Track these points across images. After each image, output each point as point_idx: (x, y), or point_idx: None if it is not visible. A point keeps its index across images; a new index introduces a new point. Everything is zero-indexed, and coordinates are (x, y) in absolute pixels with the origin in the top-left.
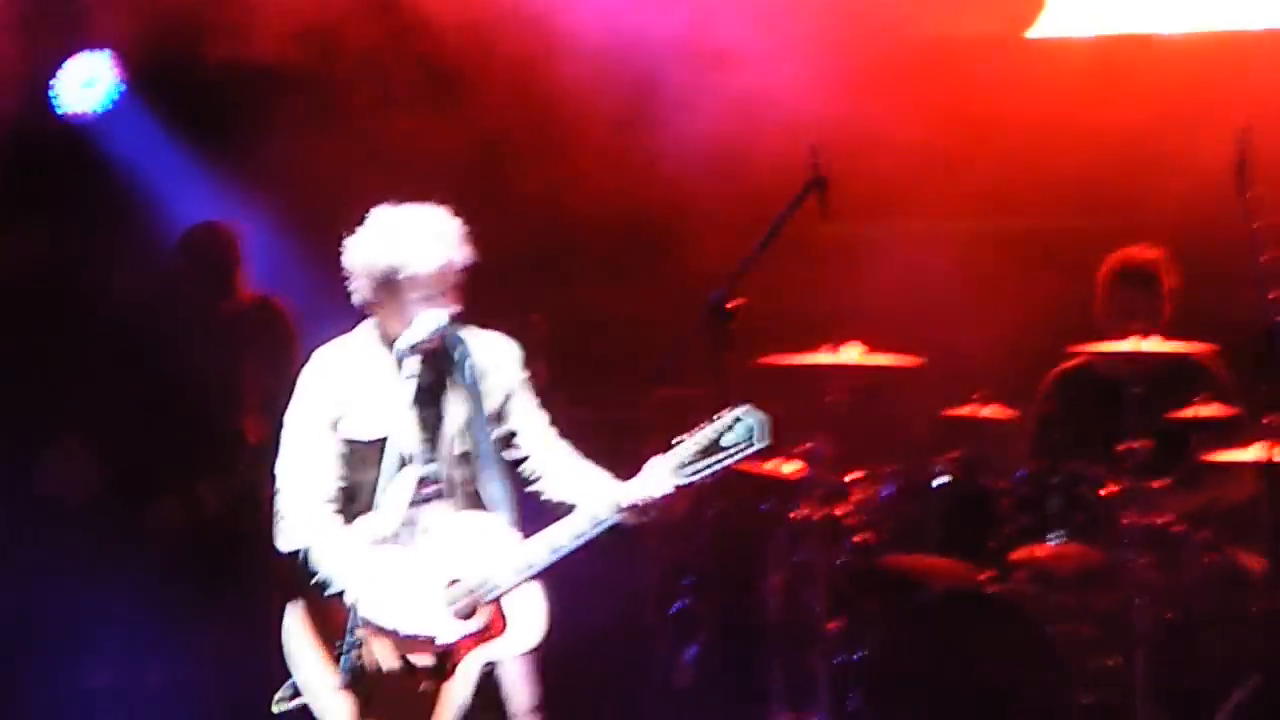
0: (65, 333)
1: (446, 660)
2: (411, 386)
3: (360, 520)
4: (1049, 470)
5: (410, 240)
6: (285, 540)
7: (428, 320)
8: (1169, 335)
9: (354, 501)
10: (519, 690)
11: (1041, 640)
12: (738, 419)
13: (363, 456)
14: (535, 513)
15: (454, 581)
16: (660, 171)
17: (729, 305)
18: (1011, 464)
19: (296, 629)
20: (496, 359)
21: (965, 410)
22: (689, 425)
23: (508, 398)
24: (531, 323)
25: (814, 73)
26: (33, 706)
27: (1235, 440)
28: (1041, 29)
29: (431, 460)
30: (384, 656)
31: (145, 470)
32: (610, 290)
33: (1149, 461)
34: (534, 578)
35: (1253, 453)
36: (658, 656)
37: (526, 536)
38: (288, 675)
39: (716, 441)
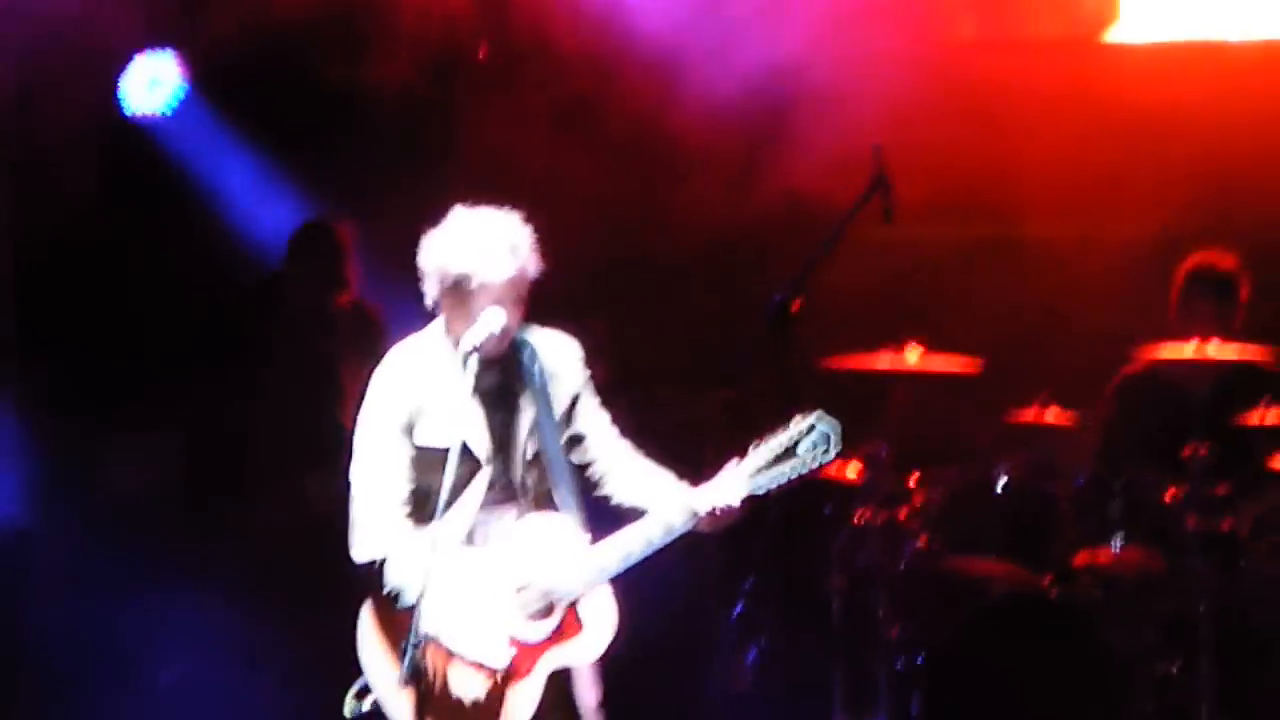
0: (166, 326)
1: (518, 663)
2: (470, 385)
3: (432, 525)
4: (1111, 475)
5: (484, 248)
6: (359, 550)
7: (489, 320)
8: (1237, 341)
9: (425, 506)
10: (588, 689)
11: (1103, 646)
12: (812, 426)
13: (435, 461)
14: (598, 515)
15: (524, 587)
16: (747, 190)
17: (792, 307)
18: (1074, 468)
19: (368, 627)
20: (563, 360)
21: (1028, 414)
22: (750, 426)
23: (575, 399)
24: (592, 328)
25: (881, 78)
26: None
27: None
28: (1118, 34)
29: (503, 464)
30: (452, 658)
31: (253, 466)
32: (676, 295)
33: (1212, 467)
34: (606, 582)
35: None
36: (717, 660)
37: (594, 539)
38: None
39: (792, 449)
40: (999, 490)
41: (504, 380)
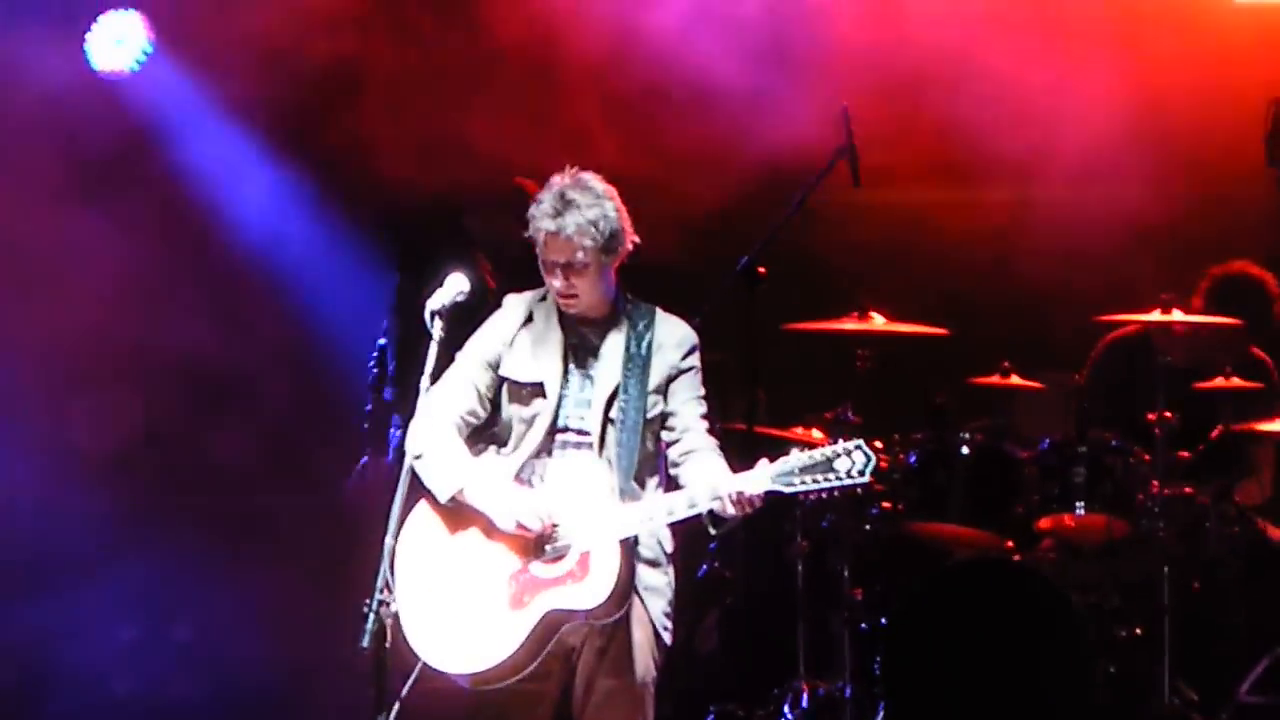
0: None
1: (520, 594)
2: (434, 350)
3: (497, 454)
4: (1075, 440)
5: (544, 204)
6: (412, 444)
7: (452, 283)
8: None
9: (501, 445)
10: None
11: (1066, 609)
12: (854, 449)
13: (516, 396)
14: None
15: (554, 525)
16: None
17: (757, 271)
18: (1038, 433)
19: (411, 526)
20: (671, 339)
21: (992, 379)
22: (714, 393)
23: (671, 379)
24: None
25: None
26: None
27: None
28: None
29: (579, 415)
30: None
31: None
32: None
33: (1177, 433)
34: (624, 543)
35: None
36: (682, 620)
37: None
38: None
39: (828, 463)
40: (963, 455)
41: (605, 341)
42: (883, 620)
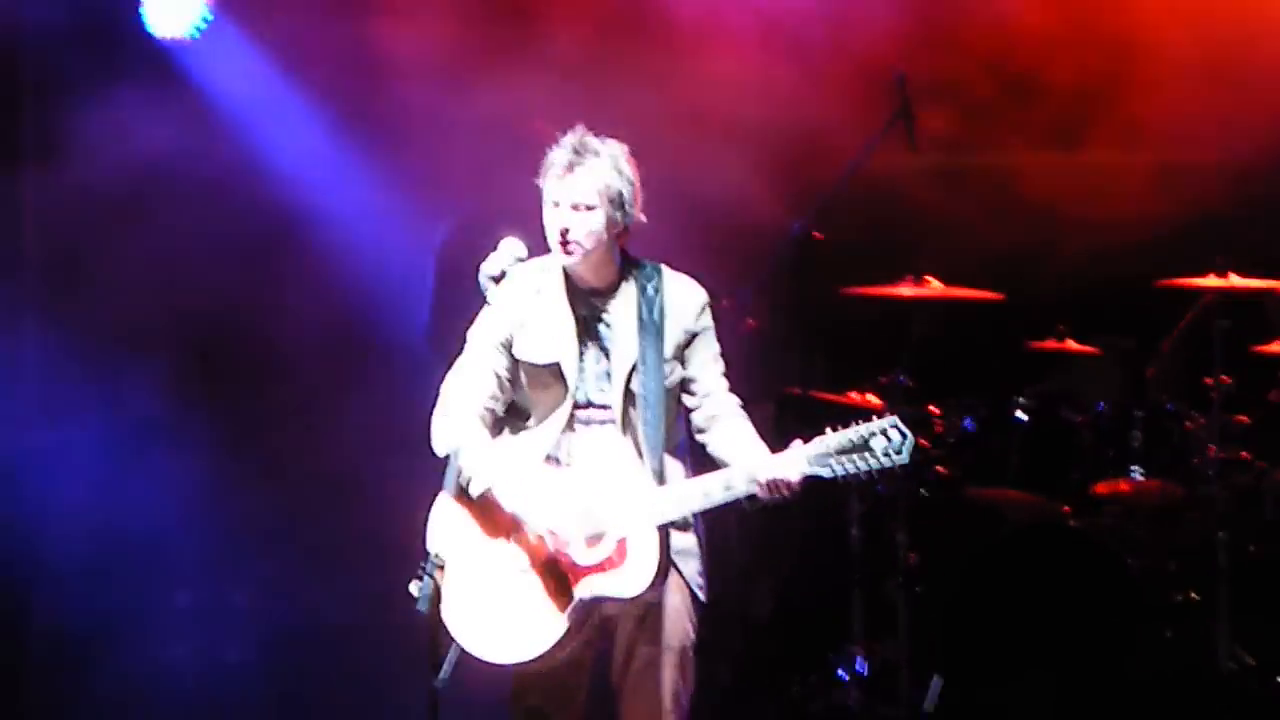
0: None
1: (559, 581)
2: (487, 317)
3: (521, 436)
4: (1132, 404)
5: (562, 147)
6: (439, 444)
7: (507, 248)
8: None
9: (523, 420)
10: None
11: (1122, 574)
12: (892, 427)
13: (534, 377)
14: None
15: (586, 510)
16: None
17: (813, 235)
18: (1094, 397)
19: (441, 514)
20: (683, 302)
21: (1048, 343)
22: (770, 358)
23: (687, 342)
24: None
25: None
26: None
27: None
28: None
29: (599, 390)
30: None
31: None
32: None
33: (1233, 396)
34: (662, 527)
35: None
36: (736, 586)
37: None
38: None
39: (865, 443)
40: (1019, 419)
41: (615, 310)
42: (939, 585)
